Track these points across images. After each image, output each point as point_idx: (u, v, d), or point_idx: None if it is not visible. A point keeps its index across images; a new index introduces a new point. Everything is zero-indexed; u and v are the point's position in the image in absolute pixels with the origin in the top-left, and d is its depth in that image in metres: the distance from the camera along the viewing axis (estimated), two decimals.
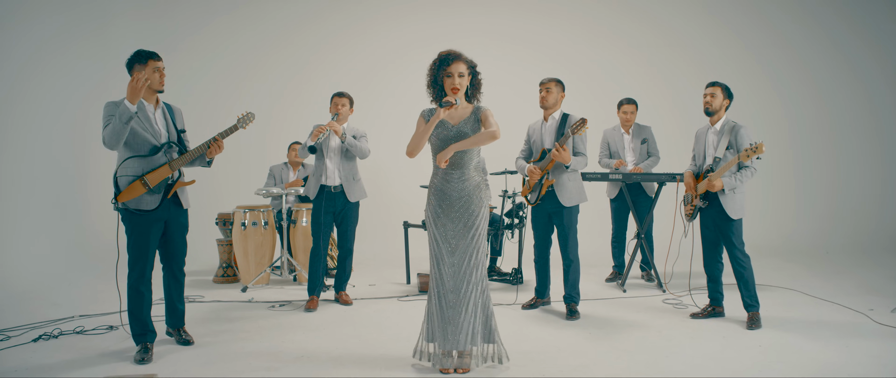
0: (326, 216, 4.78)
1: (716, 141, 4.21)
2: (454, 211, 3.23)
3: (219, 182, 7.32)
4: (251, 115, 3.75)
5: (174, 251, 3.75)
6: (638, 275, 5.87)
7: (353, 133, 4.85)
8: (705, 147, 4.28)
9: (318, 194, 4.77)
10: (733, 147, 4.11)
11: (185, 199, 3.73)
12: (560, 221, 4.44)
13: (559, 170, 4.40)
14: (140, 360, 3.51)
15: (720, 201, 4.11)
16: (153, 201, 3.53)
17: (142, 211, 3.52)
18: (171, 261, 3.77)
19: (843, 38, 8.20)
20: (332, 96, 4.89)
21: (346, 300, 4.91)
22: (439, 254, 3.24)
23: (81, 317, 4.52)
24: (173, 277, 3.81)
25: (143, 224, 3.53)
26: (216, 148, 3.64)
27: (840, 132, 8.16)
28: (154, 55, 3.56)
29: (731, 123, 4.18)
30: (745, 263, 4.13)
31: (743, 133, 4.10)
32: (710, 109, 4.22)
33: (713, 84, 4.25)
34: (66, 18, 6.79)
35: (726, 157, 4.13)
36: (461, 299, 3.19)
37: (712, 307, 4.40)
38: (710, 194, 4.17)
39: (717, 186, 4.05)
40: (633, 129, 5.65)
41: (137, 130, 3.50)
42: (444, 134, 3.24)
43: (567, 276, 4.48)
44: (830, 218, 7.99)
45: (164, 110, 3.67)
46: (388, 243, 7.32)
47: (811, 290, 5.22)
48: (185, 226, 3.78)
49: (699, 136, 4.38)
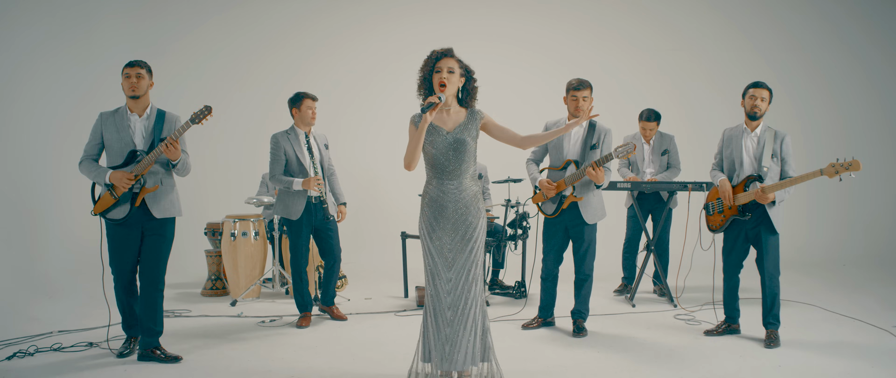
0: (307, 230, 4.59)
1: (755, 147, 4.02)
2: (450, 223, 3.09)
3: (208, 190, 7.19)
4: (206, 109, 3.64)
5: (150, 264, 3.69)
6: (649, 288, 5.73)
7: (323, 141, 4.72)
8: (742, 153, 4.05)
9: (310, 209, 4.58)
10: (777, 156, 3.94)
11: (157, 209, 3.67)
12: (580, 236, 4.24)
13: (588, 187, 4.20)
14: (118, 353, 3.78)
15: (768, 214, 3.94)
16: (122, 211, 3.64)
17: (116, 220, 3.65)
18: (147, 274, 3.70)
19: (858, 44, 8.10)
20: (301, 98, 4.58)
21: (339, 315, 4.75)
22: (435, 269, 3.10)
23: (60, 333, 4.38)
24: (150, 294, 3.69)
25: (118, 234, 3.68)
26: (171, 149, 3.56)
27: (853, 140, 8.04)
28: (129, 63, 3.64)
29: (773, 130, 4.00)
30: (778, 280, 3.99)
31: (789, 142, 3.95)
32: (759, 113, 3.99)
33: (760, 85, 4.01)
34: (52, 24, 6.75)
35: (771, 166, 3.95)
36: (459, 317, 3.04)
37: (727, 324, 4.26)
38: (754, 206, 3.97)
39: (770, 199, 3.86)
40: (655, 139, 5.49)
41: (113, 141, 3.64)
42: (439, 141, 3.09)
43: (579, 291, 4.32)
44: (843, 229, 7.87)
45: (154, 118, 3.70)
46: (384, 254, 7.18)
47: (830, 306, 5.08)
48: (162, 236, 3.71)
49: (732, 139, 4.12)
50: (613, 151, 3.96)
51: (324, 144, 4.71)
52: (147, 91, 3.69)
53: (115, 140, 3.64)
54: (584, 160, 4.19)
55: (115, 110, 3.74)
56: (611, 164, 4.18)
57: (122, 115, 3.68)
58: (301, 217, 4.51)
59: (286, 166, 4.54)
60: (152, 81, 3.73)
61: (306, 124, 4.58)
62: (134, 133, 3.65)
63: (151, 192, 3.64)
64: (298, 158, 4.52)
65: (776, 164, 3.95)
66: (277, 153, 4.52)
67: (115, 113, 3.71)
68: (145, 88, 3.67)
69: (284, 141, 4.54)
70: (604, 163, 4.02)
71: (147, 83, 3.68)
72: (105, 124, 3.69)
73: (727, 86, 7.93)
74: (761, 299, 4.05)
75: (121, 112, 3.70)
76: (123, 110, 3.70)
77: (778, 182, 3.86)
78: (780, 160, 3.95)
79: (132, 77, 3.62)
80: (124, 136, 3.63)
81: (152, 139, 3.66)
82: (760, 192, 3.84)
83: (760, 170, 3.95)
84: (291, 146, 4.53)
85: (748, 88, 4.05)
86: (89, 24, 7.17)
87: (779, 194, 3.89)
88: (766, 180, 3.94)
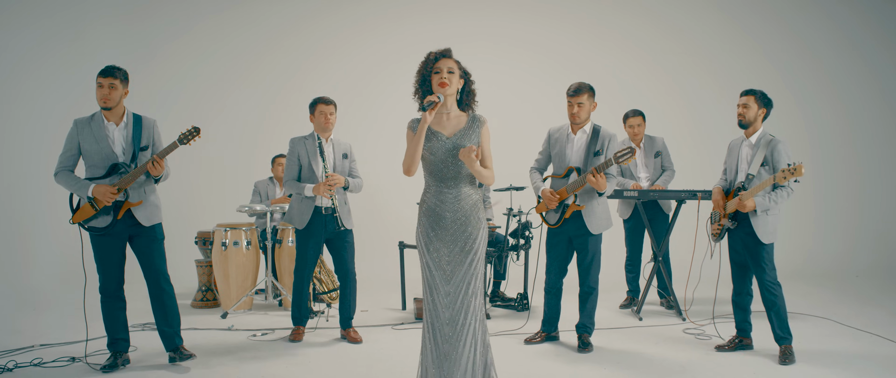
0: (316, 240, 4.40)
1: (750, 155, 3.95)
2: (449, 233, 2.97)
3: (198, 198, 7.09)
4: (195, 131, 3.65)
5: (149, 266, 3.75)
6: (655, 301, 5.62)
7: (343, 149, 4.48)
8: (738, 161, 4.02)
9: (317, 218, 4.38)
10: (769, 163, 3.86)
11: (145, 217, 3.70)
12: (584, 247, 4.14)
13: (590, 195, 4.09)
14: (102, 367, 3.72)
15: (751, 223, 3.86)
16: (104, 221, 3.62)
17: (98, 229, 3.64)
18: (149, 276, 3.76)
19: (866, 47, 8.01)
20: (316, 103, 4.44)
21: (354, 337, 4.45)
22: (433, 282, 2.97)
23: (42, 347, 4.26)
24: (156, 295, 3.78)
25: (102, 243, 3.66)
26: (156, 166, 3.57)
27: (862, 146, 7.94)
28: (102, 71, 3.60)
29: (769, 137, 3.92)
30: (777, 292, 3.87)
31: (780, 149, 3.85)
32: (744, 121, 3.95)
33: (747, 93, 3.97)
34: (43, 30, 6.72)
35: (761, 174, 3.87)
36: (458, 332, 2.92)
37: (739, 338, 4.14)
38: (740, 214, 3.91)
39: (749, 207, 3.79)
40: (645, 143, 5.41)
41: (92, 151, 3.61)
42: (437, 146, 2.98)
43: (584, 305, 4.20)
44: (852, 238, 7.76)
45: (131, 125, 3.68)
46: (382, 265, 7.05)
47: (845, 319, 4.95)
48: (153, 239, 3.75)
49: (732, 148, 4.11)
50: (613, 156, 3.88)
51: (342, 153, 4.48)
52: (120, 101, 3.65)
53: (94, 150, 3.60)
54: (586, 167, 4.08)
55: (90, 117, 3.68)
56: (612, 170, 4.07)
57: (99, 124, 3.63)
58: (308, 227, 4.36)
59: (300, 172, 4.43)
60: (127, 89, 3.68)
61: (323, 130, 4.44)
62: (114, 142, 3.63)
63: (136, 205, 3.66)
64: (310, 165, 4.39)
65: (767, 172, 3.87)
66: (292, 158, 4.42)
67: (92, 120, 3.66)
68: (118, 99, 3.62)
69: (299, 146, 4.42)
70: (604, 169, 3.91)
71: (120, 93, 3.62)
72: (81, 133, 3.64)
73: (733, 90, 7.83)
74: (766, 314, 3.94)
75: (97, 119, 3.65)
76: (99, 117, 3.65)
77: (752, 188, 3.81)
78: (772, 168, 3.86)
79: (104, 87, 3.57)
80: (104, 146, 3.60)
81: (134, 149, 3.65)
82: (739, 199, 3.81)
83: (746, 177, 3.90)
84: (305, 151, 4.40)
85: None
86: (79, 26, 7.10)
87: (761, 202, 3.80)
88: (751, 188, 3.86)
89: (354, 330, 4.50)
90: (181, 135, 3.64)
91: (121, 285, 3.76)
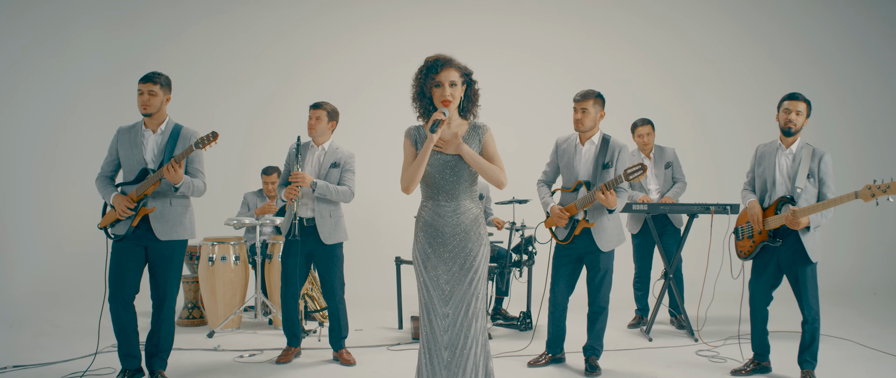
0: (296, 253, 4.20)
1: (790, 166, 3.75)
2: (447, 251, 2.81)
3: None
4: (212, 135, 3.57)
5: (154, 285, 3.73)
6: (665, 319, 5.45)
7: (335, 158, 4.26)
8: (775, 172, 3.80)
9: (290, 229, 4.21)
10: (814, 176, 3.68)
11: (161, 230, 3.64)
12: (595, 265, 3.96)
13: (600, 210, 3.91)
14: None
15: (801, 240, 3.65)
16: (123, 227, 3.62)
17: (118, 236, 3.64)
18: (153, 295, 3.75)
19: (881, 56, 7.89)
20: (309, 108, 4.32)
21: (346, 359, 4.25)
22: (430, 302, 2.80)
23: (15, 368, 4.08)
24: (154, 315, 3.75)
25: (119, 249, 3.64)
26: (171, 172, 3.54)
27: (875, 157, 7.79)
28: (142, 77, 3.63)
29: (811, 148, 3.73)
30: (818, 315, 3.70)
31: (829, 161, 3.68)
32: (794, 129, 3.74)
33: (797, 97, 3.75)
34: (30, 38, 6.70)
35: (807, 188, 3.69)
36: (458, 358, 2.75)
37: (757, 362, 3.97)
38: (785, 231, 3.71)
39: (803, 224, 3.58)
40: (655, 153, 5.26)
41: (126, 157, 3.67)
42: (436, 158, 2.81)
43: (593, 325, 4.03)
44: (862, 253, 7.61)
45: (168, 134, 3.69)
46: (377, 281, 6.89)
47: (866, 341, 4.79)
48: (167, 259, 3.69)
49: (765, 156, 3.88)
50: (623, 173, 3.69)
51: (332, 161, 4.25)
52: (161, 107, 3.66)
53: (128, 156, 3.66)
54: (595, 180, 3.92)
55: (132, 125, 3.74)
56: (624, 184, 3.90)
57: (137, 131, 3.69)
58: (289, 237, 4.18)
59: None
60: (169, 96, 3.71)
61: (310, 135, 4.30)
62: (145, 149, 3.65)
63: (149, 212, 3.62)
64: (290, 169, 4.29)
65: (813, 185, 3.67)
66: (285, 163, 4.37)
67: (132, 128, 3.72)
68: (158, 105, 3.64)
69: (291, 150, 4.31)
70: (614, 185, 3.75)
71: (160, 99, 3.64)
72: (120, 140, 3.71)
73: (743, 97, 7.72)
74: (801, 335, 3.76)
75: (137, 127, 3.71)
76: (139, 125, 3.71)
77: (812, 205, 3.58)
78: (818, 181, 3.68)
79: (144, 94, 3.61)
80: (136, 153, 3.64)
81: (164, 156, 3.65)
82: (791, 215, 3.58)
83: (793, 191, 3.69)
84: (290, 155, 4.31)
85: (783, 101, 3.79)
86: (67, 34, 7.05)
87: (814, 219, 3.61)
88: (800, 203, 3.67)
89: (347, 351, 4.32)
90: (198, 139, 3.59)
91: (130, 296, 3.65)
